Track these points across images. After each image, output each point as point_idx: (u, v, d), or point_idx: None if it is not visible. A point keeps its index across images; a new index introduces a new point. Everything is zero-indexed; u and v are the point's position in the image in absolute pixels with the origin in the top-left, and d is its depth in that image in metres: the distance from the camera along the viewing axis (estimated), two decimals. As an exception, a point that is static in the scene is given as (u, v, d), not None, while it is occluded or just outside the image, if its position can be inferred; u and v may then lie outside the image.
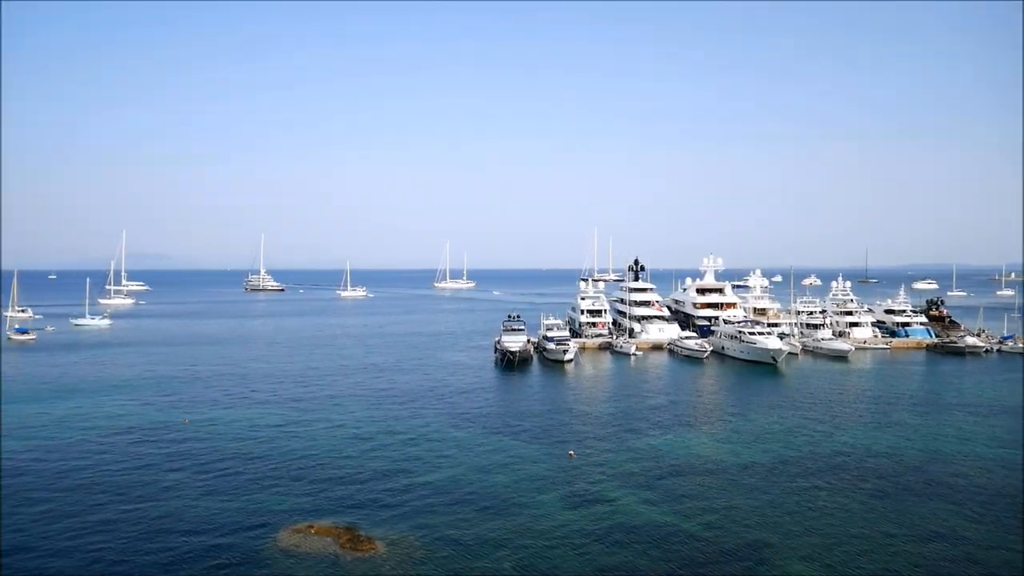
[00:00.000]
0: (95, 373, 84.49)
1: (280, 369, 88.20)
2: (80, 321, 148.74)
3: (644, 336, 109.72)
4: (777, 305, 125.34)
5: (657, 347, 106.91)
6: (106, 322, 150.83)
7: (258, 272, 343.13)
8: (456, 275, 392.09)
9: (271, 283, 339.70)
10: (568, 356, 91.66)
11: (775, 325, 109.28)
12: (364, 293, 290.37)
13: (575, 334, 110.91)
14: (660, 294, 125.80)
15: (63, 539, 33.45)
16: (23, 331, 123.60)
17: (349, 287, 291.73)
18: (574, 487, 41.36)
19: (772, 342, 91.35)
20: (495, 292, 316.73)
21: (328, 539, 33.15)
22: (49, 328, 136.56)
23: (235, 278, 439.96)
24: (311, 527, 34.58)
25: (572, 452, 48.85)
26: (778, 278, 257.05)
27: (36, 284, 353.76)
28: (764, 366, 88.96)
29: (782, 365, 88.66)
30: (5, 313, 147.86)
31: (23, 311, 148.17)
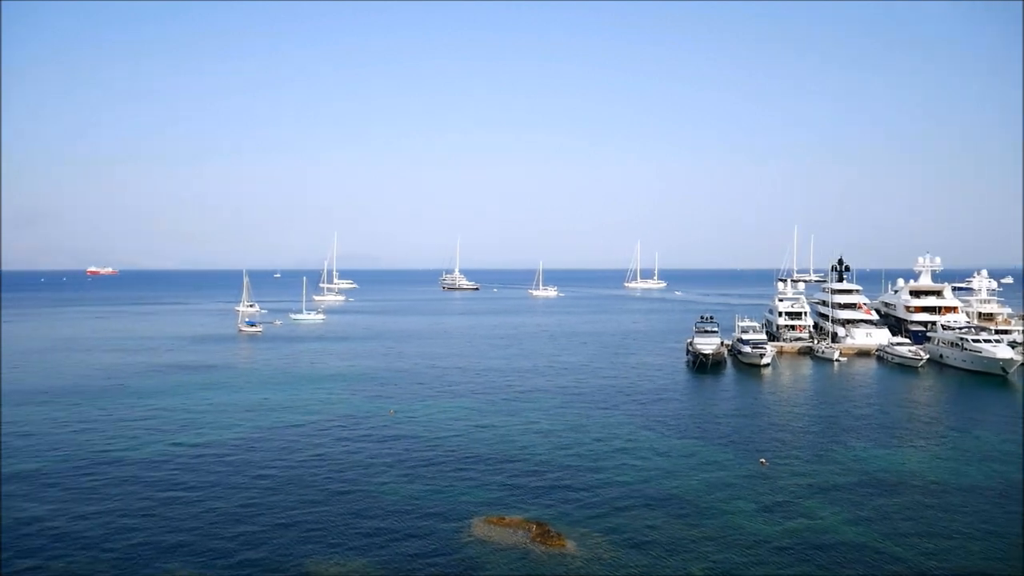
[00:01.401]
0: (311, 364, 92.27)
1: (476, 365, 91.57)
2: (298, 316, 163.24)
3: (849, 341, 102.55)
4: (1008, 310, 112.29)
5: (863, 353, 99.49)
6: (320, 317, 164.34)
7: (452, 271, 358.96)
8: (647, 275, 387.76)
9: (465, 282, 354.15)
10: (765, 360, 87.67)
11: (1005, 332, 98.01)
12: (555, 292, 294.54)
13: (772, 337, 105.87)
14: (867, 296, 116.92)
15: (290, 516, 36.79)
16: (252, 324, 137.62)
17: (541, 286, 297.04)
18: (768, 497, 39.43)
19: (1002, 351, 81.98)
20: (677, 292, 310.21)
21: (520, 532, 33.93)
22: (277, 322, 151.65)
23: (432, 277, 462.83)
24: (503, 519, 35.56)
25: (764, 460, 46.68)
26: (1008, 279, 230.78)
27: (264, 282, 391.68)
28: (991, 377, 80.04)
29: (1014, 377, 79.35)
30: (236, 308, 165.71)
31: (252, 306, 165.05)
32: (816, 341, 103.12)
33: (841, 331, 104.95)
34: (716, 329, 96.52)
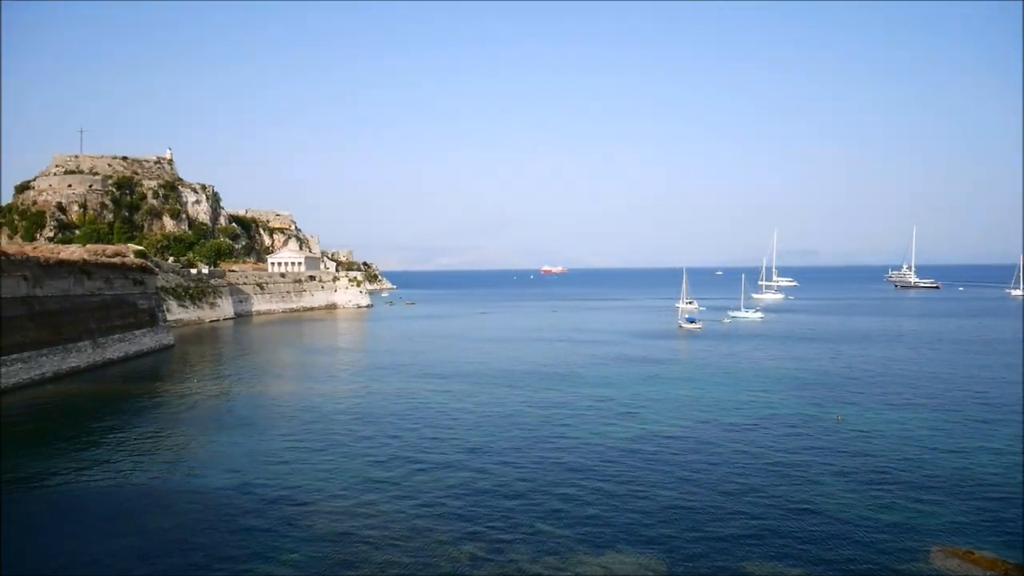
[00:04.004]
0: (750, 362, 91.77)
1: (936, 372, 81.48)
2: (735, 313, 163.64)
3: None
4: None
5: None
6: (758, 315, 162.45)
7: (900, 267, 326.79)
8: None
9: (917, 279, 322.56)
10: None
11: None
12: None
13: None
14: None
15: (726, 517, 37.50)
16: (691, 320, 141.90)
17: (1021, 284, 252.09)
18: None
19: None
20: None
21: (989, 572, 29.68)
22: (726, 320, 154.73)
23: (875, 274, 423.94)
24: (971, 554, 31.44)
25: None
26: None
27: (704, 280, 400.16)
28: None
29: None
30: (676, 305, 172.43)
31: (690, 303, 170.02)
32: None
33: None
34: None
